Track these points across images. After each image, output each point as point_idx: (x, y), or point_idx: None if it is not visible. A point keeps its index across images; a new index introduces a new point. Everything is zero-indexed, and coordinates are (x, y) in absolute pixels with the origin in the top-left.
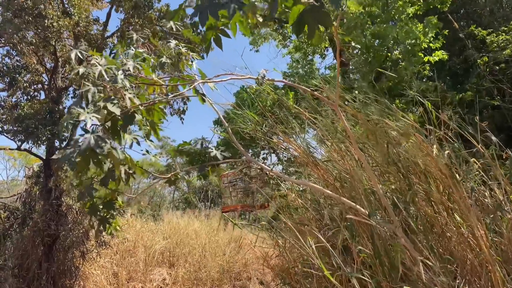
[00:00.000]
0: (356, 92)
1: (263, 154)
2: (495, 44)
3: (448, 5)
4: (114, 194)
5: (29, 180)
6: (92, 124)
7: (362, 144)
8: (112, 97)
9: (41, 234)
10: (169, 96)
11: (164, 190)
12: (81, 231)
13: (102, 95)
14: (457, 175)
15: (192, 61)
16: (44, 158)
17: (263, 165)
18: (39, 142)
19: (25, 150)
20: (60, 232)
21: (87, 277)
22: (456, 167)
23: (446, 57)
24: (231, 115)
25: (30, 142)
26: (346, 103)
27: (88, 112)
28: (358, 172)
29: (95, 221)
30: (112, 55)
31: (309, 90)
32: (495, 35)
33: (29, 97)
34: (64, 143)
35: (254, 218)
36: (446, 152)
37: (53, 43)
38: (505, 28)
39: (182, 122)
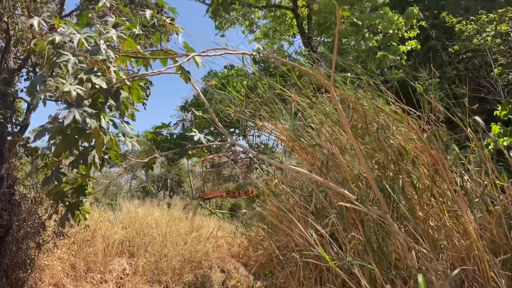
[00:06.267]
0: (349, 74)
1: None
2: (465, 33)
3: None
4: (84, 179)
5: None
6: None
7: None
8: (95, 69)
9: None
10: (156, 71)
11: (121, 179)
12: (37, 221)
13: (84, 65)
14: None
15: (177, 34)
16: None
17: (249, 149)
18: None
19: None
20: (13, 223)
21: (43, 269)
22: (444, 153)
23: (419, 47)
24: (208, 96)
25: None
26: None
27: (71, 84)
28: (347, 157)
29: (60, 208)
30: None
31: (305, 69)
32: (464, 23)
33: None
34: (18, 128)
35: (216, 206)
36: (431, 137)
37: (6, 20)
38: (474, 18)
39: (145, 108)
